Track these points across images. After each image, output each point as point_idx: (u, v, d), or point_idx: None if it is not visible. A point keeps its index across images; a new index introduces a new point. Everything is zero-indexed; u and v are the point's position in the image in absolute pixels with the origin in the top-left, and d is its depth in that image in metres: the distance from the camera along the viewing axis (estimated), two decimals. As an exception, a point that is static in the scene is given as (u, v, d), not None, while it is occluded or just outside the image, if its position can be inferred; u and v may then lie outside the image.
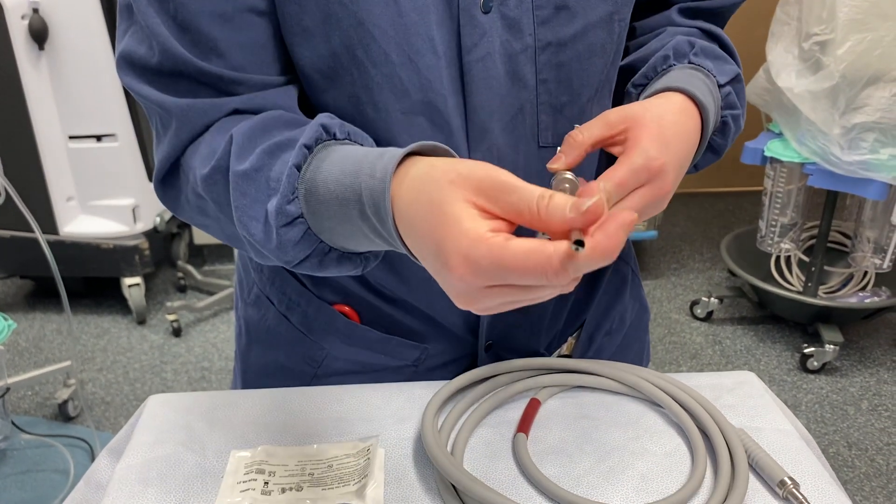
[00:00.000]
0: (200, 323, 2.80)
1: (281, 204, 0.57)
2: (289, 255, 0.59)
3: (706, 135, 0.66)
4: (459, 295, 0.49)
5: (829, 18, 2.05)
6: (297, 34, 0.64)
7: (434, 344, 0.80)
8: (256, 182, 0.59)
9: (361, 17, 0.62)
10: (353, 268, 0.62)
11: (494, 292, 0.48)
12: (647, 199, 0.57)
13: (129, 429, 0.75)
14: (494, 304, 0.49)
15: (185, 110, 0.63)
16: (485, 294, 0.48)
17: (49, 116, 2.50)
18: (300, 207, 0.57)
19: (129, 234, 2.68)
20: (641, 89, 0.71)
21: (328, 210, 0.56)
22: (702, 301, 2.78)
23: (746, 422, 0.73)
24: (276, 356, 0.84)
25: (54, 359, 2.60)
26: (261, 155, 0.60)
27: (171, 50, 0.61)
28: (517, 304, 0.50)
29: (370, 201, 0.53)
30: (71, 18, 2.39)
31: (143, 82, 0.64)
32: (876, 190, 2.18)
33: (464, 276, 0.47)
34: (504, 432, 0.72)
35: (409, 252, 0.53)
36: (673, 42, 0.71)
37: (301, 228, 0.58)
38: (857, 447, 2.17)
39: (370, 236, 0.56)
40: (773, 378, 2.48)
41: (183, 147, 0.64)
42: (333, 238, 0.59)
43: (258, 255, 0.63)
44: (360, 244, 0.58)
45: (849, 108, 2.06)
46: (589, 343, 0.88)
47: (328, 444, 0.70)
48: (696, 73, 0.68)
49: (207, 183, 0.62)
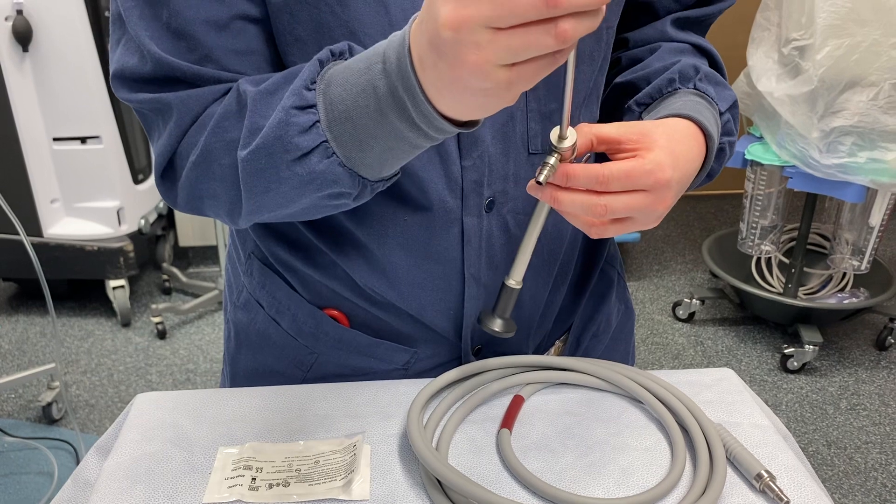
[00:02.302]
0: (185, 325, 2.80)
1: (298, 87, 0.57)
2: (292, 141, 0.57)
3: (707, 164, 0.68)
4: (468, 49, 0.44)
5: (807, 24, 2.09)
6: (290, 43, 0.65)
7: (423, 348, 0.81)
8: (273, 103, 0.59)
9: (353, 26, 0.63)
10: (350, 186, 0.60)
11: (503, 36, 0.43)
12: (644, 205, 0.58)
13: (116, 427, 0.76)
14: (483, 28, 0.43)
15: (185, 99, 0.63)
16: (492, 39, 0.43)
17: (33, 118, 2.49)
18: (316, 97, 0.57)
19: (113, 236, 2.67)
20: (644, 108, 0.73)
21: (345, 90, 0.55)
22: (684, 302, 2.81)
23: (725, 417, 0.75)
24: (266, 360, 0.84)
25: (38, 361, 2.58)
26: (277, 79, 0.60)
27: (163, 60, 0.62)
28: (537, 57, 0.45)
29: (392, 51, 0.52)
30: (55, 20, 2.39)
31: (138, 91, 0.64)
32: (854, 193, 2.22)
33: (461, 11, 0.43)
34: (488, 428, 0.73)
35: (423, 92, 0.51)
36: (679, 66, 0.72)
37: (311, 118, 0.57)
38: (836, 445, 2.20)
39: (383, 105, 0.53)
40: (754, 378, 2.51)
41: (184, 133, 0.64)
42: (341, 134, 0.57)
43: (251, 176, 0.60)
44: (367, 129, 0.56)
45: (827, 111, 2.10)
46: (577, 346, 0.90)
47: (315, 440, 0.71)
48: (701, 101, 0.69)
49: (216, 132, 0.61)
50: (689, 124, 0.65)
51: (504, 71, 0.45)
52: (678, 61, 0.74)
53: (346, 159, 0.58)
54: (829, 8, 2.02)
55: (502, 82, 0.46)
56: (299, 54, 0.65)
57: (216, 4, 0.61)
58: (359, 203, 0.63)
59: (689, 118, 0.65)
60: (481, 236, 0.74)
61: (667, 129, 0.62)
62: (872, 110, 2.06)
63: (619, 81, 0.78)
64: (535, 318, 0.84)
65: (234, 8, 0.62)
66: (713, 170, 0.72)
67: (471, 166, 0.71)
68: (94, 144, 2.56)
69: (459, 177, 0.71)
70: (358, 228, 0.73)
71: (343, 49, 0.60)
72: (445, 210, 0.72)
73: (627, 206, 0.57)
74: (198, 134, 0.63)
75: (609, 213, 0.57)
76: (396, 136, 0.55)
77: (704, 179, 0.72)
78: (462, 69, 0.46)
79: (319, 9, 0.62)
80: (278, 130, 0.57)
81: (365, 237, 0.74)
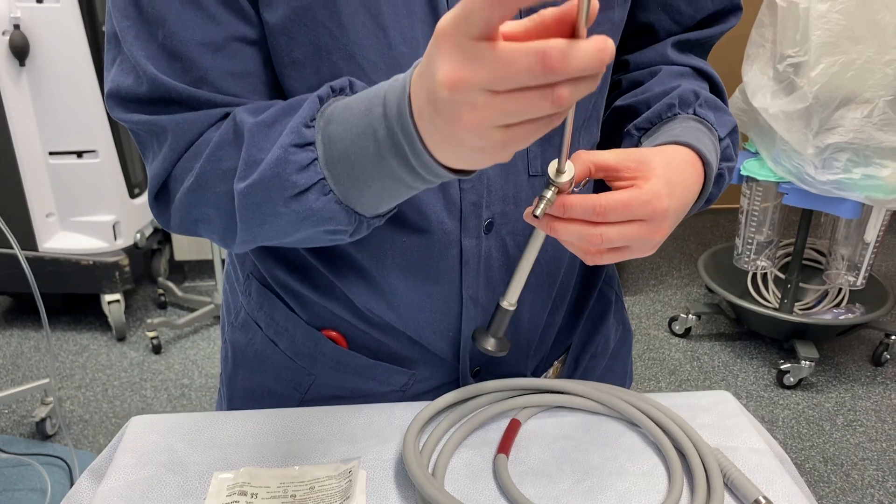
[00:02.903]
0: (180, 340, 2.79)
1: (297, 125, 0.57)
2: (290, 179, 0.57)
3: (705, 191, 0.68)
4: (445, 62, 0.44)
5: (802, 41, 2.10)
6: (287, 66, 0.65)
7: (421, 369, 0.81)
8: (271, 135, 0.59)
9: (352, 49, 0.63)
10: (346, 223, 0.60)
11: (499, 100, 0.43)
12: (640, 234, 0.58)
13: (110, 450, 0.75)
14: (482, 89, 0.43)
15: (180, 123, 0.63)
16: (489, 102, 0.43)
17: (29, 132, 2.49)
18: (315, 134, 0.57)
19: (109, 250, 2.67)
20: (643, 133, 0.73)
21: (344, 130, 0.55)
22: (680, 317, 2.81)
23: (722, 441, 0.75)
24: (263, 381, 0.84)
25: (32, 376, 2.57)
26: (276, 111, 0.60)
27: (158, 80, 0.61)
28: (532, 119, 0.45)
29: (392, 99, 0.52)
30: (52, 35, 2.39)
31: (133, 112, 0.64)
32: (849, 209, 2.22)
33: (459, 73, 0.43)
34: (485, 453, 0.73)
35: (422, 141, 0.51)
36: (679, 91, 0.72)
37: (310, 155, 0.57)
38: (833, 462, 2.20)
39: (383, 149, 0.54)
40: (751, 394, 2.50)
41: (178, 157, 0.64)
42: (339, 173, 0.57)
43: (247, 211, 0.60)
44: (366, 170, 0.56)
45: (822, 128, 2.11)
46: (575, 366, 0.89)
47: (310, 465, 0.71)
48: (700, 128, 0.69)
49: (210, 161, 0.61)
50: (687, 152, 0.65)
51: (500, 132, 0.46)
52: (678, 86, 0.74)
53: (343, 197, 0.59)
54: (824, 26, 2.03)
55: (498, 142, 0.46)
56: (297, 77, 0.65)
57: (212, 26, 0.61)
58: (356, 238, 0.63)
59: (688, 146, 0.65)
60: (480, 258, 0.74)
61: (665, 157, 0.62)
62: (867, 127, 2.07)
63: (619, 105, 0.78)
64: (533, 340, 0.84)
65: (231, 30, 0.62)
66: (712, 195, 0.72)
67: (469, 188, 0.71)
68: (90, 158, 2.56)
69: (458, 198, 0.71)
70: (356, 250, 0.73)
71: (343, 85, 0.60)
72: (444, 232, 0.72)
73: (623, 236, 0.57)
74: (193, 160, 0.63)
75: (605, 242, 0.57)
76: (394, 179, 0.55)
77: (703, 205, 0.72)
78: (458, 127, 0.46)
79: (318, 31, 0.62)
80: (276, 167, 0.57)
81: (363, 259, 0.73)
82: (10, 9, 2.33)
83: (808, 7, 2.06)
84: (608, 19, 0.71)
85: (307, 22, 0.62)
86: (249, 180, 0.59)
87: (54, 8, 2.36)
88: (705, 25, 0.81)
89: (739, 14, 0.82)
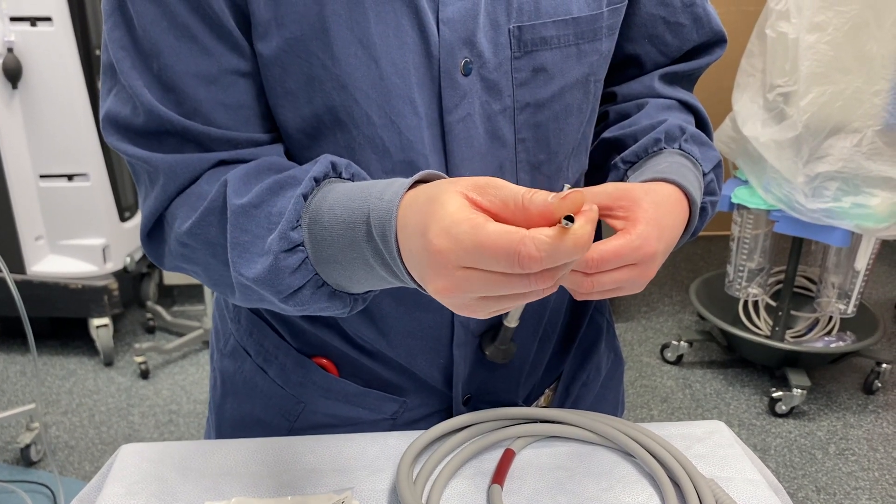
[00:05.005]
0: (169, 365, 2.77)
1: (285, 230, 0.58)
2: (283, 283, 0.59)
3: (690, 227, 0.69)
4: (439, 277, 0.50)
5: (791, 71, 2.12)
6: (280, 96, 0.65)
7: (412, 397, 0.80)
8: (257, 217, 0.60)
9: (344, 80, 0.63)
10: (342, 307, 0.62)
11: (472, 276, 0.48)
12: (631, 278, 0.59)
13: (100, 478, 0.74)
14: (473, 296, 0.50)
15: (173, 166, 0.64)
16: (463, 276, 0.49)
17: (20, 155, 2.49)
18: (302, 235, 0.59)
19: (98, 274, 2.65)
20: (630, 166, 0.74)
21: (331, 235, 0.58)
22: (672, 344, 2.81)
23: (717, 472, 0.74)
24: (252, 409, 0.83)
25: (18, 401, 2.54)
26: (261, 192, 0.61)
27: (154, 111, 0.62)
28: (493, 300, 0.51)
29: (377, 222, 0.54)
30: (45, 58, 2.39)
31: (128, 142, 0.64)
32: (839, 237, 2.24)
33: (442, 249, 0.48)
34: (479, 483, 0.72)
35: (408, 272, 0.54)
36: (665, 125, 0.73)
37: (300, 256, 0.59)
38: (826, 491, 2.19)
39: (371, 261, 0.57)
40: (743, 422, 2.50)
41: (170, 200, 0.65)
42: (330, 271, 0.60)
43: (244, 293, 0.63)
44: (356, 273, 0.59)
45: (812, 157, 2.12)
46: (566, 394, 0.89)
47: (302, 495, 0.70)
48: (685, 163, 0.70)
49: (200, 226, 0.62)
50: (674, 189, 0.66)
51: (478, 301, 0.51)
52: (665, 120, 0.74)
53: (336, 286, 0.61)
54: (812, 56, 2.06)
55: (480, 308, 0.52)
56: (290, 107, 0.66)
57: (205, 58, 0.62)
58: (357, 311, 0.65)
59: (675, 183, 0.66)
60: None
61: (655, 197, 0.62)
62: (856, 156, 2.09)
63: (606, 137, 0.79)
64: (524, 368, 0.83)
65: (224, 62, 0.63)
66: (696, 228, 0.73)
67: None
68: (81, 182, 2.55)
69: None
70: None
71: (327, 171, 0.62)
72: None
73: (615, 281, 0.59)
74: (186, 211, 0.64)
75: (597, 287, 0.58)
76: (385, 281, 0.59)
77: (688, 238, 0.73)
78: (425, 267, 0.51)
79: (311, 62, 0.63)
80: (270, 275, 0.60)
81: None
82: (4, 32, 2.34)
83: (797, 38, 2.08)
84: (596, 50, 0.71)
85: (300, 53, 0.62)
86: (244, 275, 0.61)
87: (48, 32, 2.37)
88: (691, 57, 0.82)
89: (724, 46, 0.83)
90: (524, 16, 0.66)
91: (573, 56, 0.69)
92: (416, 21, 0.63)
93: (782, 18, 2.13)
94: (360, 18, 0.62)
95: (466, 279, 0.49)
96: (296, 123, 0.66)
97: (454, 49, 0.64)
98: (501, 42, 0.66)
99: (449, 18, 0.64)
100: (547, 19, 0.67)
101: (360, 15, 0.62)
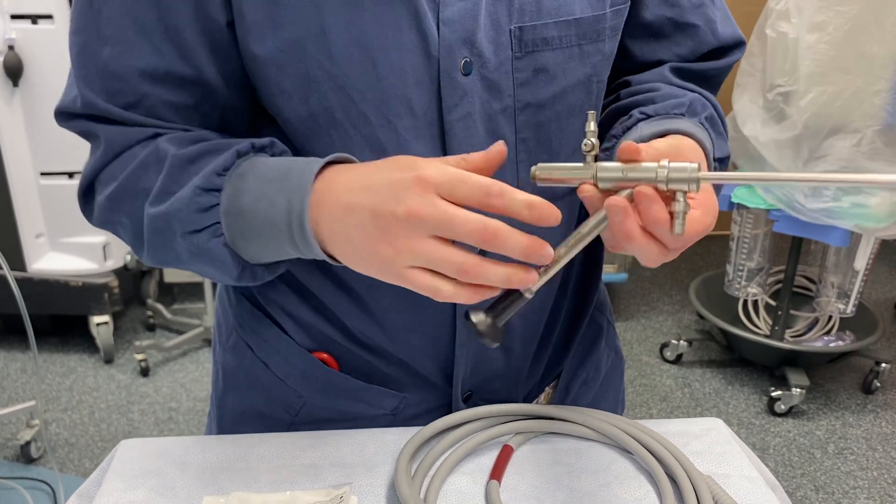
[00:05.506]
0: (169, 362, 2.77)
1: (210, 171, 0.63)
2: (190, 218, 0.63)
3: None
4: (406, 201, 0.54)
5: (791, 71, 2.12)
6: (276, 95, 0.66)
7: (412, 393, 0.81)
8: (191, 167, 0.64)
9: (341, 81, 0.64)
10: (232, 265, 0.65)
11: (444, 205, 0.54)
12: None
13: (99, 473, 0.74)
14: (428, 234, 0.55)
15: (112, 134, 0.67)
16: (435, 202, 0.54)
17: (21, 153, 2.49)
18: (224, 182, 0.63)
19: (98, 271, 2.66)
20: (645, 118, 0.71)
21: (251, 188, 0.62)
22: (671, 344, 2.81)
23: (714, 468, 0.75)
24: (254, 403, 0.83)
25: (18, 398, 2.54)
26: (199, 150, 0.65)
27: (88, 100, 0.66)
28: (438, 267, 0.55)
29: (297, 177, 0.60)
30: (46, 56, 2.40)
31: (72, 120, 0.70)
32: (839, 237, 2.24)
33: (430, 175, 0.54)
34: (477, 479, 0.72)
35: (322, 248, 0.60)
36: (689, 97, 0.73)
37: (212, 200, 0.63)
38: (824, 490, 2.19)
39: (278, 223, 0.61)
40: (742, 421, 2.50)
41: (107, 164, 0.69)
42: (233, 223, 0.63)
43: (152, 235, 0.66)
44: (261, 231, 0.62)
45: (812, 157, 2.13)
46: (566, 393, 0.89)
47: (301, 490, 0.70)
48: (705, 136, 0.70)
49: (131, 179, 0.66)
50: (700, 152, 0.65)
51: (430, 252, 0.55)
52: (688, 94, 0.74)
53: (231, 243, 0.64)
54: (812, 56, 2.06)
55: (421, 260, 0.56)
56: (285, 106, 0.66)
57: (155, 58, 0.65)
58: (244, 283, 0.68)
59: (702, 146, 0.66)
60: None
61: (697, 155, 0.63)
62: (856, 156, 2.09)
63: (620, 104, 0.77)
64: (524, 367, 0.84)
65: (171, 65, 0.65)
66: None
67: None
68: (81, 180, 2.55)
69: None
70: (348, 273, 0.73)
71: (265, 144, 0.66)
72: None
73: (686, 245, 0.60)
74: (117, 170, 0.68)
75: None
76: (282, 252, 0.63)
77: None
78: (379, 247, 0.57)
79: (308, 63, 0.63)
80: (181, 203, 0.63)
81: (355, 281, 0.73)
82: (5, 30, 2.34)
83: (797, 38, 2.09)
84: (598, 51, 0.71)
85: (297, 54, 0.63)
86: (158, 209, 0.64)
87: (49, 29, 2.37)
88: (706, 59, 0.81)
89: (742, 48, 0.83)
90: (525, 16, 0.66)
91: (575, 57, 0.69)
92: (415, 22, 0.63)
93: (782, 18, 2.13)
94: (358, 20, 0.62)
95: (434, 204, 0.54)
96: (292, 122, 0.67)
97: (454, 49, 0.64)
98: (502, 42, 0.66)
99: (449, 19, 0.64)
100: (549, 20, 0.67)
101: (358, 16, 0.62)
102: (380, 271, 0.58)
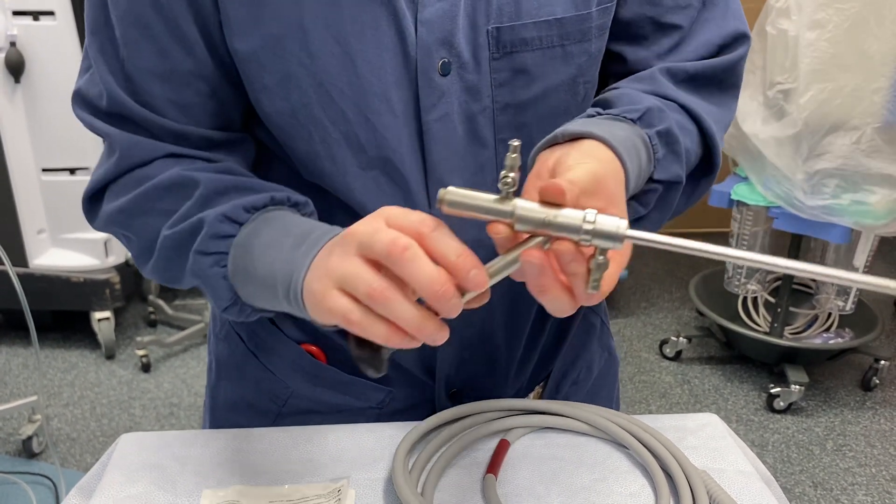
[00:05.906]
0: (170, 358, 2.78)
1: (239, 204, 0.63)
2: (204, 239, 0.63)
3: None
4: (332, 255, 0.55)
5: (791, 68, 2.13)
6: (259, 91, 0.67)
7: (398, 388, 0.81)
8: (220, 198, 0.65)
9: (320, 78, 0.64)
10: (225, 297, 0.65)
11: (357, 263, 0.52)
12: None
13: (100, 467, 0.75)
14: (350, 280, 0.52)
15: (129, 146, 0.68)
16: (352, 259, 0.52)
17: (23, 149, 2.50)
18: (248, 220, 0.64)
19: (100, 267, 2.66)
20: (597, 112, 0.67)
21: (269, 239, 0.62)
22: (671, 340, 2.81)
23: (709, 463, 0.75)
24: (244, 392, 0.85)
25: (20, 393, 2.55)
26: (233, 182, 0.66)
27: (116, 97, 0.66)
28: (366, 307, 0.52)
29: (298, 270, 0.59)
30: (48, 52, 2.40)
31: (93, 116, 0.69)
32: (838, 234, 2.24)
33: (353, 230, 0.54)
34: (474, 473, 0.73)
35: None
36: (650, 104, 0.67)
37: (230, 231, 0.63)
38: (823, 487, 2.20)
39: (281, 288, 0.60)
40: (741, 418, 2.51)
41: (120, 174, 0.69)
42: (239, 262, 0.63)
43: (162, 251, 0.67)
44: (260, 290, 0.63)
45: (811, 154, 2.13)
46: (556, 392, 0.89)
47: (299, 484, 0.71)
48: (641, 148, 0.64)
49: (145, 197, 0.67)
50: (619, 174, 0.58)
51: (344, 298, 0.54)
52: (646, 102, 0.67)
53: (232, 276, 0.64)
54: (812, 53, 2.06)
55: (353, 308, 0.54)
56: (268, 102, 0.67)
57: (161, 59, 0.66)
58: (231, 317, 0.68)
59: (621, 159, 0.58)
60: None
61: (617, 179, 0.57)
62: (855, 154, 2.09)
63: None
64: (510, 368, 0.84)
65: (178, 64, 0.66)
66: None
67: (438, 214, 0.71)
68: (83, 175, 2.56)
69: None
70: None
71: (300, 201, 0.66)
72: None
73: None
74: (132, 184, 0.68)
75: None
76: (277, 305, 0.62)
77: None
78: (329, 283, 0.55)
79: (288, 60, 0.64)
80: (201, 224, 0.64)
81: None
82: (7, 26, 2.34)
83: (797, 35, 2.09)
84: (584, 51, 0.70)
85: (278, 51, 0.64)
86: (175, 229, 0.65)
87: (51, 26, 2.38)
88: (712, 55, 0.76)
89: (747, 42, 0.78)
90: (504, 17, 0.66)
91: (558, 57, 0.69)
92: (393, 21, 0.64)
93: (782, 16, 2.14)
94: (337, 17, 0.63)
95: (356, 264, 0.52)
96: (273, 118, 0.68)
97: (431, 49, 0.65)
98: (480, 43, 0.66)
99: (427, 19, 0.64)
100: (528, 20, 0.66)
101: (336, 14, 0.63)
102: (316, 310, 0.57)
